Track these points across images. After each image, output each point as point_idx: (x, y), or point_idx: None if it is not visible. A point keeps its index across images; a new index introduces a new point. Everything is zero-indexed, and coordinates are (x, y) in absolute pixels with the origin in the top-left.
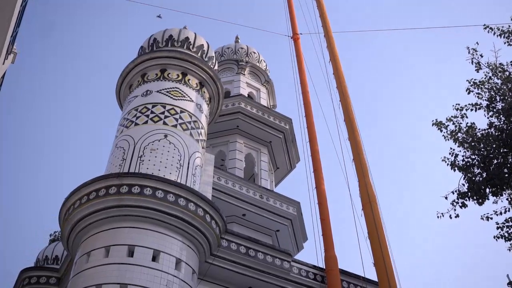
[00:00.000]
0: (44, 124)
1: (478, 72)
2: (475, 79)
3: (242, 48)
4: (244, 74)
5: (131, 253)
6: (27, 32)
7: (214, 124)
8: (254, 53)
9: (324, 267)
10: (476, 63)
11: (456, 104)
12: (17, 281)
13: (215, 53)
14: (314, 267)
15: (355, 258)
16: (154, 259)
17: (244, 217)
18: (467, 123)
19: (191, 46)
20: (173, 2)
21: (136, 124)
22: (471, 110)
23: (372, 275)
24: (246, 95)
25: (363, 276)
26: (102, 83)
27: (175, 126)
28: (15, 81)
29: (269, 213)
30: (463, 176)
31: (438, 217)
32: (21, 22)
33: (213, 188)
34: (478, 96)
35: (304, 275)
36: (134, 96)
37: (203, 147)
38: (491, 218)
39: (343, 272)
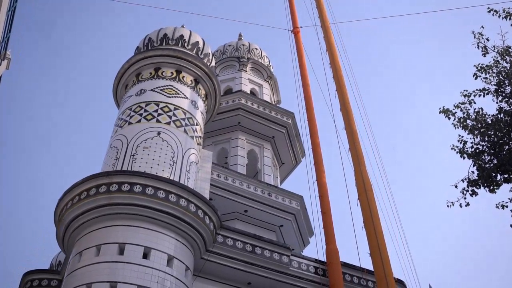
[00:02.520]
0: (45, 124)
1: (485, 56)
2: (482, 64)
3: (243, 45)
4: (246, 71)
5: (121, 251)
6: (27, 33)
7: (215, 121)
8: (256, 49)
9: (326, 261)
10: (482, 47)
11: (464, 90)
12: (20, 284)
13: (217, 51)
14: (316, 260)
15: (357, 251)
16: (145, 256)
17: (246, 213)
18: (475, 108)
19: (186, 44)
20: (174, 2)
21: (130, 123)
22: (479, 95)
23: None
24: (248, 92)
25: (366, 268)
26: (102, 84)
27: (168, 123)
28: (15, 82)
29: (271, 208)
30: (473, 163)
31: (448, 206)
32: (11, 28)
33: (213, 185)
34: (485, 81)
35: (304, 269)
36: (129, 96)
37: (198, 144)
38: (506, 206)
39: (345, 264)
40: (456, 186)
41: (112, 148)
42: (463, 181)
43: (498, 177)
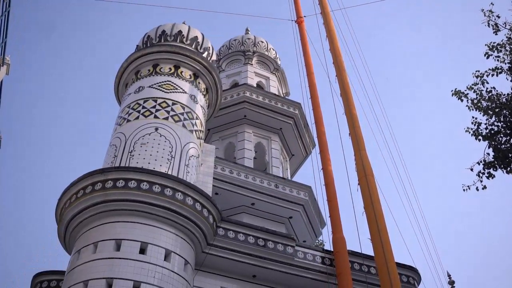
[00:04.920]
0: (46, 124)
1: (496, 34)
2: (494, 42)
3: (249, 38)
4: (252, 64)
5: (118, 248)
6: (27, 34)
7: (221, 116)
8: (262, 42)
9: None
10: (493, 25)
11: (476, 71)
12: (31, 286)
13: (222, 46)
14: (323, 250)
15: (364, 239)
16: (142, 252)
17: (254, 206)
18: (487, 88)
19: (184, 39)
20: (177, 1)
21: (128, 120)
22: (492, 75)
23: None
24: (255, 85)
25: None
26: (106, 83)
27: (166, 118)
28: (16, 83)
29: (278, 200)
30: (488, 145)
31: (464, 190)
32: (7, 33)
33: (218, 179)
34: (498, 60)
35: (310, 259)
36: (128, 94)
37: (199, 138)
38: None
39: (354, 253)
40: (471, 169)
41: (111, 146)
42: (479, 164)
43: None
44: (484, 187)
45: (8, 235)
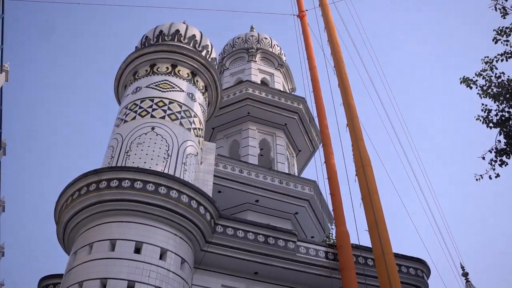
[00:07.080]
0: (47, 125)
1: (504, 18)
2: (502, 27)
3: (252, 36)
4: (255, 61)
5: (113, 247)
6: (27, 37)
7: (225, 114)
8: (266, 38)
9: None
10: (500, 9)
11: (485, 57)
12: None
13: (226, 45)
14: (327, 245)
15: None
16: (138, 251)
17: (258, 203)
18: (496, 74)
19: (182, 38)
20: (181, 1)
21: (125, 121)
22: (501, 60)
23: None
24: (259, 81)
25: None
26: (103, 84)
27: (163, 117)
28: (17, 85)
29: (283, 196)
30: (499, 132)
31: (476, 179)
32: (3, 39)
33: (220, 177)
34: (507, 44)
35: (313, 254)
36: (126, 95)
37: (197, 136)
38: None
39: (358, 247)
40: (483, 158)
41: (109, 147)
42: (491, 152)
43: None
44: (497, 175)
45: (8, 236)
